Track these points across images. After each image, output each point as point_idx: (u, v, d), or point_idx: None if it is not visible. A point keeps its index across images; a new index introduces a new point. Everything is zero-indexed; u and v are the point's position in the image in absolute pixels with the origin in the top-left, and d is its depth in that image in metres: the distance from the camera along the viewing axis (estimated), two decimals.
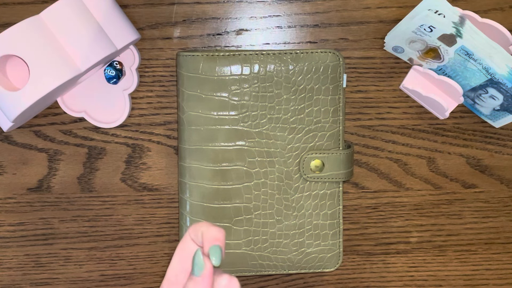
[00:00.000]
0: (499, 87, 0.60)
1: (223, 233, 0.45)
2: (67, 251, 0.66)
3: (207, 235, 0.44)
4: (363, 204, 0.67)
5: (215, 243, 0.44)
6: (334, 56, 0.60)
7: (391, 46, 0.63)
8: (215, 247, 0.44)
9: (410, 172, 0.67)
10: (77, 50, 0.56)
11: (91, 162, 0.65)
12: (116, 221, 0.66)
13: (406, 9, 0.64)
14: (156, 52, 0.64)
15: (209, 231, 0.45)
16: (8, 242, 0.66)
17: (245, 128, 0.61)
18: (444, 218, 0.67)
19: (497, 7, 0.64)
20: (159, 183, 0.66)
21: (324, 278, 0.68)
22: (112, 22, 0.58)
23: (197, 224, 0.46)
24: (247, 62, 0.60)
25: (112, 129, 0.65)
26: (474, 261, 0.68)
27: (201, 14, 0.64)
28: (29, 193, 0.66)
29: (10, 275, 0.66)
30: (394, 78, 0.65)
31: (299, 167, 0.62)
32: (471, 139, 0.66)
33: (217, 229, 0.45)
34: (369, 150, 0.66)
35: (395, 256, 0.68)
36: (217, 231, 0.45)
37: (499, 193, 0.67)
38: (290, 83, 0.61)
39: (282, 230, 0.62)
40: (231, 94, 0.60)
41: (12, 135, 0.65)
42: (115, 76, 0.62)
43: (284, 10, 0.64)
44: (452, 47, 0.59)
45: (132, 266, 0.67)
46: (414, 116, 0.66)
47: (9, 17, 0.63)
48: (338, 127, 0.62)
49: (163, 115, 0.65)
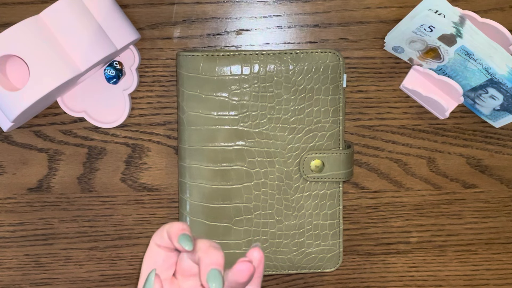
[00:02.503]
0: (499, 87, 0.60)
1: (222, 256, 0.40)
2: (67, 251, 0.66)
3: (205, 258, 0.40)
4: (363, 204, 0.67)
5: (214, 267, 0.39)
6: (334, 56, 0.60)
7: (391, 46, 0.63)
8: (214, 271, 0.39)
9: (410, 172, 0.67)
10: (77, 50, 0.56)
11: (91, 162, 0.65)
12: (116, 221, 0.66)
13: (406, 9, 0.64)
14: (156, 52, 0.64)
15: (207, 253, 0.40)
16: (8, 242, 0.66)
17: (245, 128, 0.61)
18: (444, 218, 0.67)
19: (497, 7, 0.64)
20: (159, 183, 0.66)
21: (324, 278, 0.68)
22: (112, 22, 0.58)
23: (159, 229, 0.43)
24: (247, 62, 0.60)
25: (112, 129, 0.65)
26: (474, 261, 0.68)
27: (201, 14, 0.64)
28: (29, 193, 0.66)
29: (10, 275, 0.66)
30: (394, 78, 0.65)
31: (299, 167, 0.62)
32: (471, 139, 0.66)
33: (217, 252, 0.40)
34: (369, 150, 0.66)
35: (395, 256, 0.68)
36: (216, 254, 0.40)
37: (499, 193, 0.67)
38: (290, 83, 0.61)
39: (282, 230, 0.62)
40: (231, 94, 0.60)
41: (12, 135, 0.65)
42: (115, 76, 0.62)
43: (284, 10, 0.64)
44: (452, 47, 0.59)
45: (132, 266, 0.67)
46: (414, 116, 0.66)
47: (9, 17, 0.63)
48: (338, 127, 0.62)
49: (163, 115, 0.65)
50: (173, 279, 0.45)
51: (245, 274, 0.39)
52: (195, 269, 0.44)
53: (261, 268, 0.42)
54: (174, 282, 0.45)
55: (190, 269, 0.44)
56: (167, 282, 0.45)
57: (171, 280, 0.45)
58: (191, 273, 0.45)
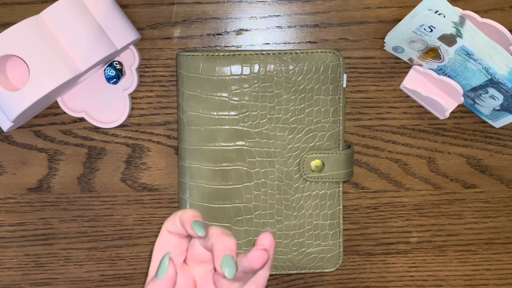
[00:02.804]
0: (499, 87, 0.60)
1: (235, 242, 0.41)
2: (67, 251, 0.66)
3: (218, 244, 0.41)
4: (363, 204, 0.67)
5: (227, 253, 0.40)
6: (334, 56, 0.60)
7: (391, 46, 0.63)
8: (228, 257, 0.40)
9: (410, 172, 0.67)
10: (77, 50, 0.56)
11: (91, 162, 0.65)
12: (116, 221, 0.66)
13: (406, 9, 0.64)
14: (156, 52, 0.64)
15: (220, 239, 0.41)
16: (8, 242, 0.66)
17: (245, 128, 0.61)
18: (444, 218, 0.67)
19: (497, 7, 0.64)
20: (159, 183, 0.66)
21: (324, 278, 0.68)
22: (112, 22, 0.58)
23: (171, 215, 0.44)
24: (247, 62, 0.60)
25: (112, 129, 0.65)
26: (474, 261, 0.68)
27: (201, 14, 0.64)
28: (29, 193, 0.66)
29: (10, 275, 0.66)
30: (394, 78, 0.65)
31: (299, 167, 0.62)
32: (471, 139, 0.66)
33: (229, 238, 0.41)
34: (369, 150, 0.66)
35: (395, 256, 0.68)
36: (229, 240, 0.41)
37: (499, 193, 0.67)
38: (290, 83, 0.61)
39: (282, 230, 0.62)
40: (231, 94, 0.60)
41: (12, 135, 0.65)
42: (115, 76, 0.62)
43: (284, 10, 0.64)
44: (452, 47, 0.59)
45: (132, 266, 0.67)
46: (414, 116, 0.66)
47: (9, 17, 0.63)
48: (338, 127, 0.62)
49: (163, 115, 0.65)
50: (184, 265, 0.46)
51: (260, 262, 0.40)
52: (206, 255, 0.45)
53: (271, 252, 0.43)
54: (185, 268, 0.46)
55: (202, 256, 0.45)
56: (178, 268, 0.45)
57: (182, 266, 0.46)
58: (202, 260, 0.45)
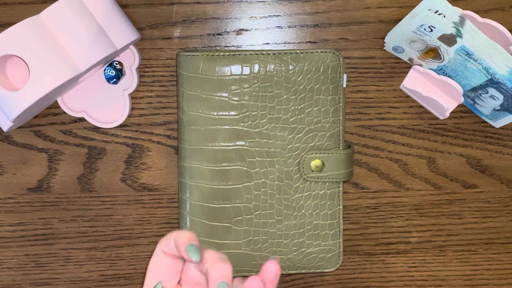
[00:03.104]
0: (499, 87, 0.60)
1: (230, 268, 0.41)
2: (67, 251, 0.66)
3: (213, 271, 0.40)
4: (363, 204, 0.67)
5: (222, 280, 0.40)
6: (334, 56, 0.60)
7: (391, 46, 0.63)
8: (223, 284, 0.40)
9: (410, 172, 0.67)
10: (77, 50, 0.56)
11: (91, 162, 0.65)
12: (116, 221, 0.66)
13: (406, 9, 0.64)
14: (156, 52, 0.64)
15: (215, 266, 0.41)
16: (8, 242, 0.66)
17: (245, 128, 0.61)
18: (444, 218, 0.67)
19: (497, 7, 0.64)
20: (159, 183, 0.66)
21: (324, 278, 0.68)
22: (112, 22, 0.58)
23: (166, 236, 0.44)
24: (247, 62, 0.60)
25: (112, 129, 0.65)
26: (474, 261, 0.68)
27: (201, 14, 0.64)
28: (29, 193, 0.66)
29: (10, 275, 0.66)
30: (394, 78, 0.65)
31: (299, 167, 0.62)
32: (471, 139, 0.66)
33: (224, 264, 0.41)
34: (369, 150, 0.66)
35: (395, 256, 0.68)
36: (224, 267, 0.41)
37: (499, 193, 0.67)
38: (290, 83, 0.61)
39: (282, 230, 0.62)
40: (231, 94, 0.60)
41: (12, 135, 0.65)
42: (115, 76, 0.62)
43: (284, 10, 0.64)
44: (452, 47, 0.59)
45: (132, 266, 0.67)
46: (414, 116, 0.66)
47: (9, 17, 0.63)
48: (338, 127, 0.62)
49: (163, 115, 0.65)
50: (178, 287, 0.45)
51: None
52: (201, 278, 0.44)
53: (275, 281, 0.42)
54: None
55: (196, 278, 0.44)
56: None
57: None
58: (197, 282, 0.44)
